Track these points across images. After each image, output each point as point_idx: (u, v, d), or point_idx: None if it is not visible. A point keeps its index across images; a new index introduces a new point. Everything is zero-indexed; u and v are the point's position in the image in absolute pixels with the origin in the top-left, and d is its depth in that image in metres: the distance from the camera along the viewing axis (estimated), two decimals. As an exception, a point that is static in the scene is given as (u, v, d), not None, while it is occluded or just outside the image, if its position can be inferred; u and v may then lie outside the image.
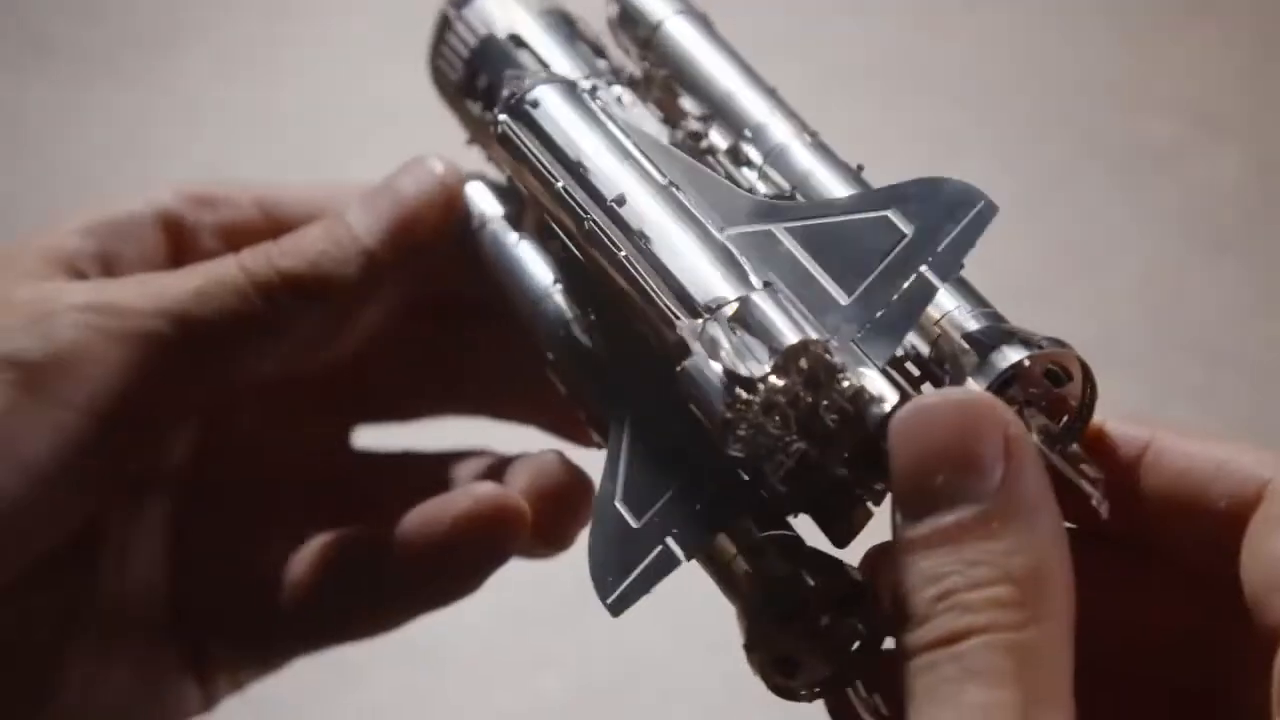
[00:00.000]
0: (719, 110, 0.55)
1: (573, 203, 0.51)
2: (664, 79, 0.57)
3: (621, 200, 0.51)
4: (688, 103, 0.56)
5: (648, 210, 0.50)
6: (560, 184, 0.52)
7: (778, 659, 0.47)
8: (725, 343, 0.46)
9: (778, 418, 0.45)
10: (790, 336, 0.45)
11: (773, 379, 0.45)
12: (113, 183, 1.45)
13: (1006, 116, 1.51)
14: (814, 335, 0.45)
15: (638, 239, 0.50)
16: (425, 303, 0.63)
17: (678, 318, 0.48)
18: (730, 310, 0.46)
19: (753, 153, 0.54)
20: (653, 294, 0.49)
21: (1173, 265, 1.40)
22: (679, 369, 0.46)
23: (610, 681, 1.16)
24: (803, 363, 0.45)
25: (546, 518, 0.58)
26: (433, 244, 0.57)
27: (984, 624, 0.41)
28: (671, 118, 0.57)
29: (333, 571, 0.59)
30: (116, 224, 0.58)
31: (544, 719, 1.17)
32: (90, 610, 0.59)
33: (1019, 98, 1.52)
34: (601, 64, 0.59)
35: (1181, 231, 1.42)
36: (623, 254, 0.50)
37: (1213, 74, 1.54)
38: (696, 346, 0.46)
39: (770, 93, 0.55)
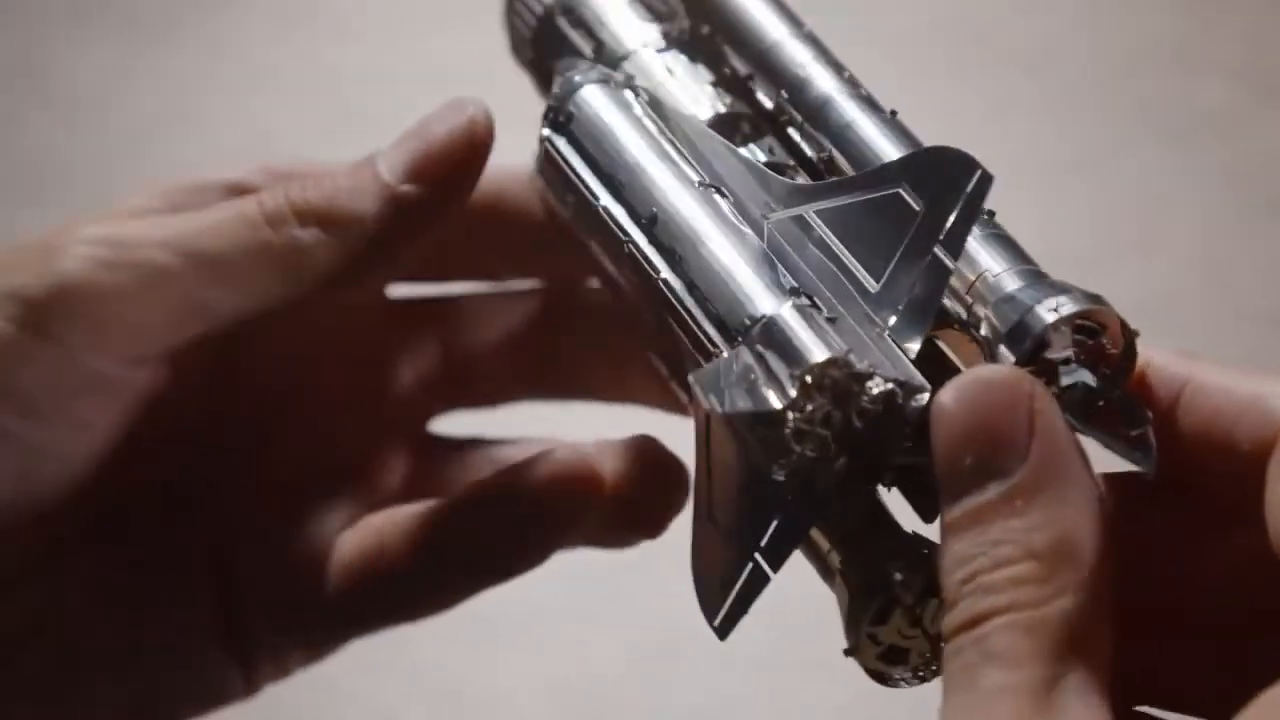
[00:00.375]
0: (762, 65, 0.55)
1: (613, 225, 0.52)
2: (709, 34, 0.57)
3: (654, 219, 0.51)
4: (734, 59, 0.56)
5: (683, 222, 0.51)
6: (601, 203, 0.52)
7: (882, 654, 0.47)
8: (757, 371, 0.46)
9: (811, 443, 0.45)
10: (815, 354, 0.45)
11: (794, 411, 0.45)
12: (167, 147, 1.45)
13: (1061, 80, 1.50)
14: (836, 349, 0.45)
15: (674, 259, 0.50)
16: (511, 286, 0.63)
17: (716, 348, 0.48)
18: (758, 333, 0.47)
19: (794, 112, 0.54)
20: (690, 323, 0.49)
21: (1229, 230, 1.39)
22: (708, 416, 0.47)
23: (660, 647, 1.17)
24: (827, 379, 0.45)
25: (637, 501, 0.57)
26: (460, 183, 0.56)
27: (1005, 604, 0.41)
28: (721, 76, 0.57)
29: (389, 548, 0.58)
30: (186, 188, 0.58)
31: (594, 684, 1.17)
32: (120, 582, 0.58)
33: (1074, 61, 1.52)
34: (654, 28, 0.58)
35: (1236, 197, 1.41)
36: (661, 276, 0.50)
37: (1268, 40, 1.53)
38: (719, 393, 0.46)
39: (811, 40, 0.55)
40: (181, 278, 0.54)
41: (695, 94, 0.56)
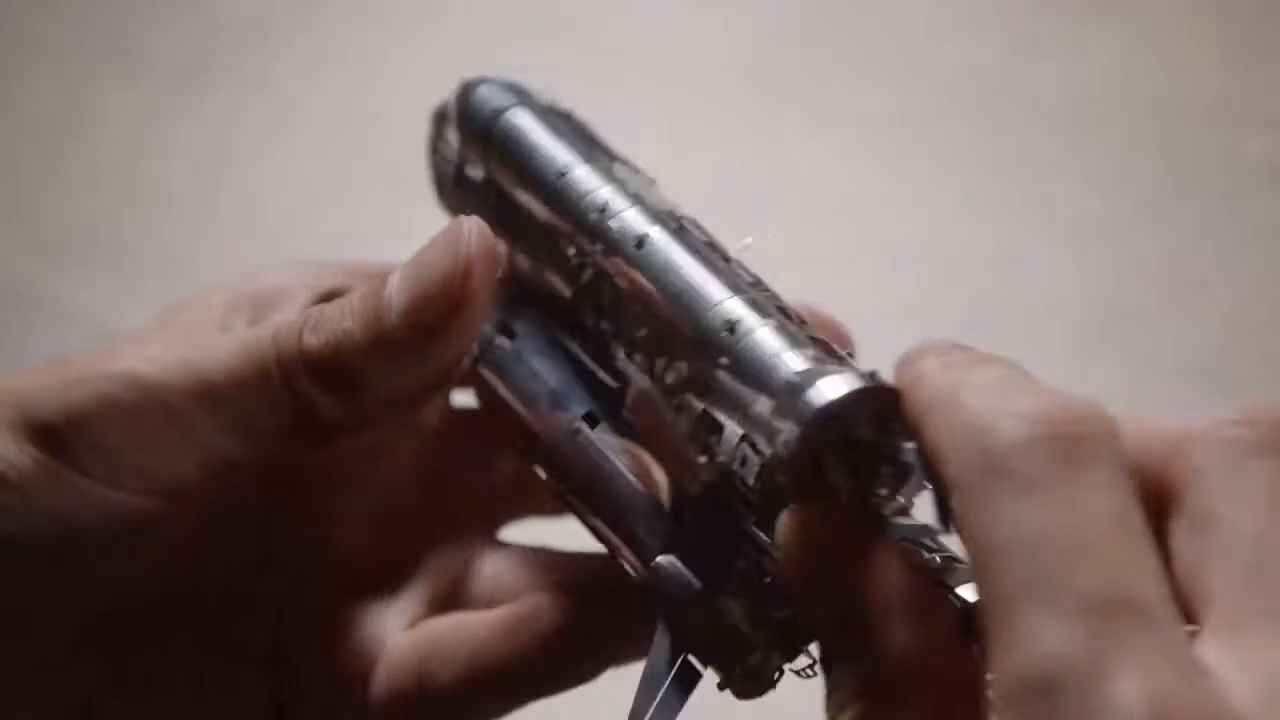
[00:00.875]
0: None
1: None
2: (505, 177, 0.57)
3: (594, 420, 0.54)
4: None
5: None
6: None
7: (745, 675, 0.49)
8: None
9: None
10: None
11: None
12: (203, 193, 1.44)
13: (1099, 138, 1.49)
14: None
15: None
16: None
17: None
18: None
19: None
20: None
21: (1275, 288, 1.38)
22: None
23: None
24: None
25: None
26: (459, 322, 0.54)
27: None
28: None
29: (442, 654, 0.57)
30: (268, 298, 0.58)
31: None
32: (173, 677, 0.58)
33: (1112, 119, 1.51)
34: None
35: None
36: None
37: None
38: None
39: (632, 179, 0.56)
40: (195, 428, 0.54)
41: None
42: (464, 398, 0.62)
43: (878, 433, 0.46)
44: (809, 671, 0.50)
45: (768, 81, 1.47)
